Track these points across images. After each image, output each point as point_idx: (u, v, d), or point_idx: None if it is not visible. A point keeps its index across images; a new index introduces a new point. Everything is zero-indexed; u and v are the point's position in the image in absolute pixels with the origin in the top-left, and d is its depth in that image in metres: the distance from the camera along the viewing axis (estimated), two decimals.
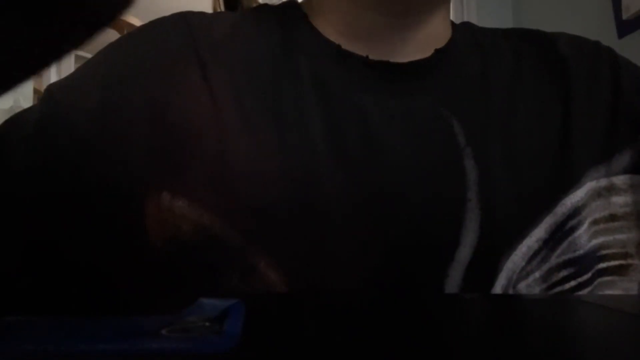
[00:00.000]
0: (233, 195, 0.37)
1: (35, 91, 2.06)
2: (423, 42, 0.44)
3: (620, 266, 0.41)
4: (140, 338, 0.20)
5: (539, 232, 0.39)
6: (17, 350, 0.20)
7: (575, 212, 0.41)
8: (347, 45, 0.43)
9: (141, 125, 0.38)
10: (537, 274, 0.39)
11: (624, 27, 1.54)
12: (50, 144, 0.36)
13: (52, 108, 0.37)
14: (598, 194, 0.42)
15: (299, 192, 0.37)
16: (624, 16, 1.55)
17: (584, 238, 0.41)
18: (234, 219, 0.36)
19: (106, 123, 0.37)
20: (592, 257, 0.41)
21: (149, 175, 0.37)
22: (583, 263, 0.40)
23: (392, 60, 0.42)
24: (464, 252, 0.38)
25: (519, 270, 0.39)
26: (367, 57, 0.42)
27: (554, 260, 0.40)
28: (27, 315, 0.23)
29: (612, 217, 0.42)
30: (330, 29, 0.44)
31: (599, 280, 0.41)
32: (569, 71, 0.44)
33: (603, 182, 0.42)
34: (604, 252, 0.41)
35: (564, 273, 0.40)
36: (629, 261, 0.41)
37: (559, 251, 0.40)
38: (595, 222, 0.41)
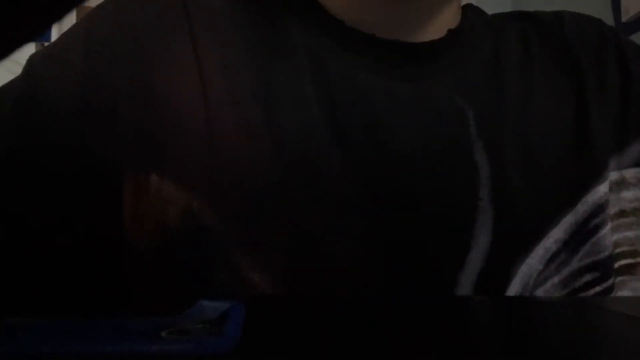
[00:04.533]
0: (219, 179, 0.34)
1: None
2: (436, 20, 0.40)
3: (629, 265, 0.39)
4: (139, 340, 0.20)
5: (557, 233, 0.36)
6: (16, 352, 0.20)
7: (599, 209, 0.38)
8: (352, 21, 0.39)
9: (125, 99, 0.35)
10: (556, 279, 0.36)
11: (624, 29, 1.54)
12: (30, 123, 0.34)
13: (33, 83, 0.35)
14: (609, 188, 0.39)
15: (290, 180, 0.34)
16: (624, 18, 1.55)
17: (609, 238, 0.38)
18: (220, 208, 0.34)
19: (89, 98, 0.35)
20: (613, 258, 0.38)
21: (135, 154, 0.35)
22: (608, 266, 0.38)
23: (402, 39, 0.39)
24: (476, 257, 0.35)
25: (535, 275, 0.36)
26: (373, 35, 0.38)
27: (575, 263, 0.37)
28: (27, 316, 0.23)
29: (622, 213, 0.39)
30: (336, 2, 0.40)
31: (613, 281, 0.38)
32: (579, 58, 0.42)
33: (614, 175, 0.39)
34: (615, 250, 0.39)
35: (587, 278, 0.37)
36: (638, 259, 0.39)
37: (581, 253, 0.37)
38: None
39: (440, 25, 0.40)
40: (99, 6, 0.39)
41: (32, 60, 0.37)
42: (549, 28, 0.44)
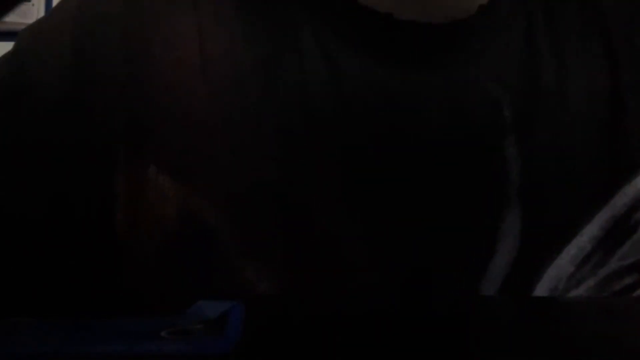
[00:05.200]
0: (218, 171, 0.32)
1: None
2: None
3: None
4: (139, 340, 0.20)
5: (592, 230, 0.33)
6: (16, 352, 0.20)
7: (639, 202, 0.34)
8: None
9: (118, 75, 0.33)
10: (591, 282, 0.33)
11: None
12: (19, 104, 0.33)
13: (21, 65, 0.34)
14: None
15: (296, 177, 0.32)
16: None
17: None
18: (221, 204, 0.32)
19: (81, 77, 0.33)
20: None
21: (129, 139, 0.33)
22: None
23: (424, 19, 0.34)
24: (500, 263, 0.32)
25: (566, 277, 0.33)
26: (391, 15, 0.34)
27: (615, 263, 0.34)
28: (26, 317, 0.23)
29: None
30: None
31: None
32: (607, 26, 0.37)
33: None
34: None
35: (627, 280, 0.34)
36: None
37: (620, 253, 0.34)
38: None
39: (469, 1, 0.35)
40: None
41: (21, 36, 0.35)
42: None
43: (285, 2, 0.35)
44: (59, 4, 0.37)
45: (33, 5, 1.65)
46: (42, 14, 1.26)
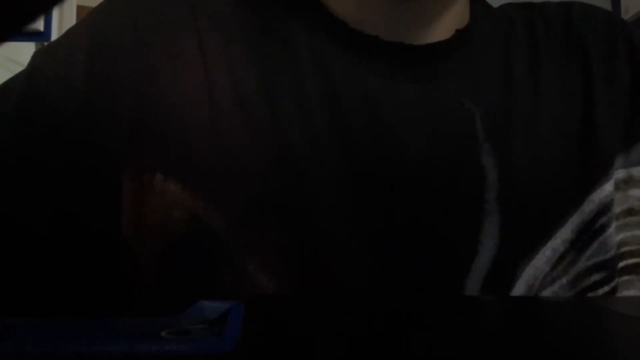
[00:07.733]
0: (224, 179, 0.34)
1: None
2: (441, 22, 0.39)
3: (637, 265, 0.38)
4: (139, 340, 0.20)
5: (565, 233, 0.36)
6: (16, 352, 0.20)
7: (605, 208, 0.37)
8: (356, 23, 0.38)
9: (129, 97, 0.35)
10: (564, 280, 0.36)
11: None
12: (33, 120, 0.34)
13: (37, 80, 0.35)
14: (616, 187, 0.39)
15: (294, 183, 0.34)
16: (623, 17, 1.55)
17: (615, 238, 0.38)
18: (226, 210, 0.34)
19: (92, 97, 0.35)
20: (617, 257, 0.38)
21: (138, 153, 0.34)
22: (614, 266, 0.37)
23: (406, 41, 0.38)
24: (482, 262, 0.34)
25: (542, 276, 0.35)
26: (377, 37, 0.38)
27: (583, 263, 0.37)
28: (27, 317, 0.23)
29: (630, 212, 0.39)
30: (340, 4, 0.39)
31: (618, 280, 0.38)
32: (587, 49, 0.41)
33: (621, 173, 0.39)
34: (622, 249, 0.38)
35: (595, 277, 0.36)
36: None
37: (588, 253, 0.37)
38: (615, 217, 0.38)
39: (447, 25, 0.39)
40: (104, 4, 0.39)
41: (36, 57, 0.37)
42: (556, 19, 0.43)
43: (284, 25, 0.38)
44: (73, 26, 0.39)
45: None
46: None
